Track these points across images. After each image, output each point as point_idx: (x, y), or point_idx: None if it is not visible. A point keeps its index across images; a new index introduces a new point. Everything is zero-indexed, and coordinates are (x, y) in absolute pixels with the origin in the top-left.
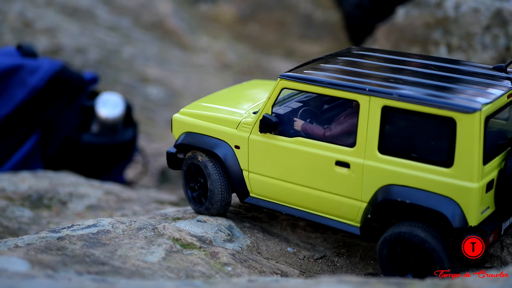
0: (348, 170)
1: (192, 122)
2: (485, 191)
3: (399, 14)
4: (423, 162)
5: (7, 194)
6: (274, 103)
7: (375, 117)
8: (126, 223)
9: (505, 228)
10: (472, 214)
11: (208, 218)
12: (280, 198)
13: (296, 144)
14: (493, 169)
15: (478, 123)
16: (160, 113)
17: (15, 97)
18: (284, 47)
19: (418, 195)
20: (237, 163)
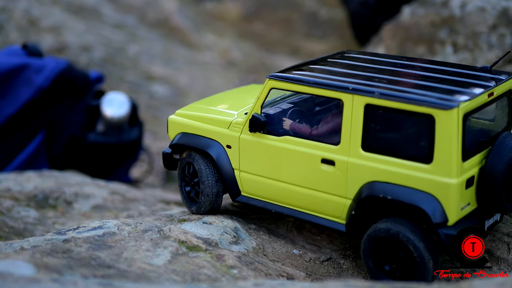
0: (333, 167)
1: (187, 123)
2: (465, 187)
3: (405, 13)
4: (404, 159)
5: (13, 194)
6: (263, 103)
7: (358, 115)
8: (131, 225)
9: (488, 226)
10: (451, 209)
11: (213, 219)
12: (270, 196)
13: (284, 142)
14: (473, 166)
15: (456, 119)
16: (165, 111)
17: (20, 97)
18: (289, 45)
19: (400, 191)
20: (228, 162)
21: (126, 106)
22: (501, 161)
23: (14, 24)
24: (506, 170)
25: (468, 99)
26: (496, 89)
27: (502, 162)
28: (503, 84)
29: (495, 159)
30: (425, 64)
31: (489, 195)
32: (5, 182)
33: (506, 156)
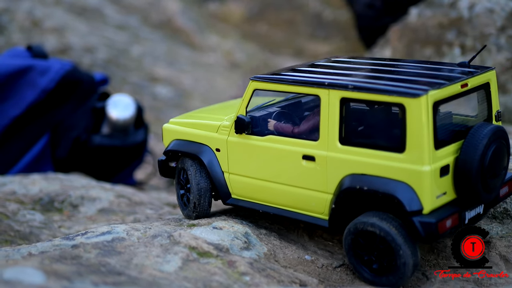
0: (314, 163)
1: (179, 130)
2: (439, 175)
3: (412, 14)
4: (379, 149)
5: (18, 197)
6: (247, 105)
7: (334, 109)
8: (141, 230)
9: (470, 218)
10: (425, 197)
11: (224, 224)
12: (257, 196)
13: (268, 142)
14: (448, 155)
15: (426, 107)
16: (169, 113)
17: (25, 99)
18: (293, 46)
19: (375, 182)
20: (218, 165)
21: (132, 108)
22: (474, 151)
23: (17, 25)
24: (479, 159)
25: (438, 88)
26: (470, 81)
27: (475, 152)
28: (478, 76)
29: (468, 148)
30: (407, 63)
31: (464, 185)
32: (10, 185)
33: (479, 145)
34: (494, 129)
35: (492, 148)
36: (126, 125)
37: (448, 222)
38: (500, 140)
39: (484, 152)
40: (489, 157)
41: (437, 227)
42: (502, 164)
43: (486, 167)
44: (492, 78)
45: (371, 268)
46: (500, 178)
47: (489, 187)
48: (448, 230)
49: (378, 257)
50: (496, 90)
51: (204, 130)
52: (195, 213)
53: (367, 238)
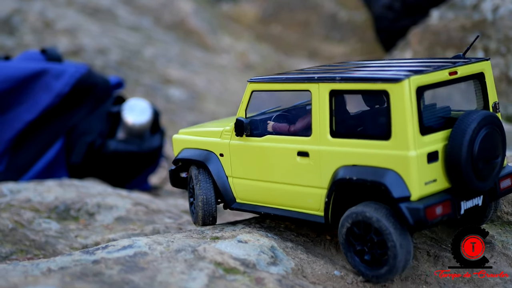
0: (308, 158)
1: (187, 139)
2: (426, 161)
3: (433, 16)
4: (367, 139)
5: (33, 205)
6: (246, 107)
7: (324, 102)
8: (163, 244)
9: (467, 208)
10: (412, 183)
11: (249, 237)
12: (259, 198)
13: (266, 141)
14: (437, 141)
15: (408, 91)
16: (182, 115)
17: (40, 103)
18: (308, 48)
19: (364, 171)
20: (222, 170)
21: (148, 113)
22: (462, 136)
23: (28, 26)
24: (468, 145)
25: (421, 73)
26: (460, 69)
27: (463, 137)
28: (469, 65)
29: (456, 134)
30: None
31: (454, 171)
32: (24, 192)
33: (467, 131)
34: (484, 115)
35: (482, 134)
36: (142, 130)
37: (438, 209)
38: (491, 126)
39: (472, 138)
40: (478, 143)
41: (425, 214)
42: (495, 150)
43: (477, 153)
44: (486, 68)
45: (363, 259)
46: (495, 165)
47: (482, 174)
48: (439, 218)
49: (370, 248)
50: (492, 81)
51: (209, 136)
52: (201, 220)
53: (360, 228)
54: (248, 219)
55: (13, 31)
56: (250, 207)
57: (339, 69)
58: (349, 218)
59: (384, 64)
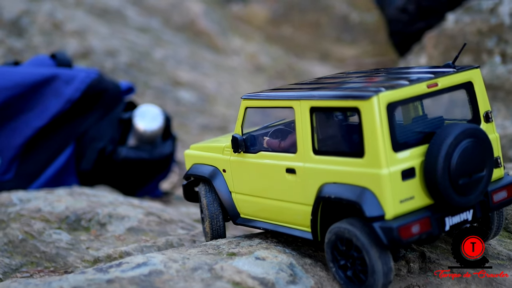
0: (295, 175)
1: (196, 154)
2: (401, 178)
3: (449, 20)
4: (345, 156)
5: (44, 215)
6: (242, 123)
7: (306, 120)
8: (179, 262)
9: (453, 224)
10: (386, 201)
11: (267, 254)
12: (257, 214)
13: (259, 158)
14: (413, 157)
15: (378, 108)
16: (192, 118)
17: (50, 109)
18: (319, 49)
19: (340, 189)
20: (225, 186)
21: (160, 119)
22: (438, 150)
23: (37, 27)
24: (444, 159)
25: (392, 89)
26: (441, 80)
27: (439, 151)
28: (452, 75)
29: (433, 148)
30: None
31: (432, 187)
32: (34, 201)
33: (443, 145)
34: (463, 128)
35: (460, 148)
36: (153, 137)
37: (414, 227)
38: (471, 139)
39: (449, 152)
40: (457, 158)
41: (399, 233)
42: (478, 164)
43: (455, 168)
44: (474, 77)
45: (346, 274)
46: (479, 179)
47: (464, 189)
48: (415, 236)
49: (352, 264)
50: (482, 90)
51: (213, 152)
52: (209, 235)
53: (343, 244)
54: (264, 232)
55: (22, 33)
56: (252, 223)
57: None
58: (332, 233)
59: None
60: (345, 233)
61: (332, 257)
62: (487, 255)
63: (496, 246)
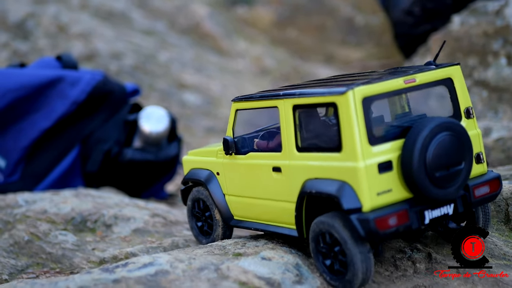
0: (281, 173)
1: (193, 159)
2: (377, 171)
3: (455, 22)
4: (326, 151)
5: (49, 216)
6: (233, 126)
7: (289, 118)
8: (185, 262)
9: (433, 217)
10: (363, 194)
11: (273, 254)
12: (249, 214)
13: (249, 159)
14: (390, 150)
15: (353, 102)
16: (197, 121)
17: (55, 110)
18: (324, 52)
19: (320, 184)
20: (219, 188)
21: (165, 121)
22: (413, 143)
23: (42, 30)
24: (420, 152)
25: (367, 84)
26: (419, 76)
27: (414, 144)
28: (430, 71)
29: (408, 141)
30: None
31: (409, 180)
32: (40, 202)
33: (418, 138)
34: (439, 121)
35: (436, 141)
36: (159, 139)
37: (391, 219)
38: (448, 132)
39: (424, 145)
40: (432, 150)
41: (376, 224)
42: (455, 157)
43: (431, 161)
44: (454, 73)
45: (328, 267)
46: (457, 172)
47: (441, 182)
48: (393, 229)
49: (334, 257)
50: (463, 86)
51: (208, 156)
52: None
53: (325, 238)
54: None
55: (27, 36)
56: (244, 224)
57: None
58: (315, 227)
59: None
60: (326, 226)
61: (316, 251)
62: (494, 256)
63: (502, 247)
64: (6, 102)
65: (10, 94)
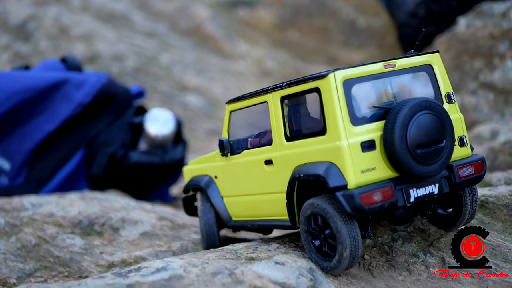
0: (272, 166)
1: (193, 168)
2: (361, 149)
3: (460, 24)
4: (311, 137)
5: (56, 220)
6: (228, 127)
7: (278, 110)
8: (198, 266)
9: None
10: (347, 172)
11: (286, 259)
12: (245, 213)
13: (242, 156)
14: (373, 130)
15: (334, 84)
16: (200, 123)
17: (60, 113)
18: (326, 54)
19: (308, 168)
20: (218, 192)
21: (171, 124)
22: (394, 121)
23: (44, 32)
24: (400, 129)
25: (348, 68)
26: (399, 61)
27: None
28: (410, 57)
29: (389, 120)
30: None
31: (391, 157)
32: (46, 205)
33: (398, 116)
34: (418, 100)
35: (416, 118)
36: (165, 142)
37: (376, 195)
38: (427, 111)
39: (405, 122)
40: (413, 127)
41: (361, 200)
42: (435, 135)
43: (411, 137)
44: (434, 60)
45: (318, 250)
46: (439, 150)
47: (423, 159)
48: (378, 204)
49: (324, 239)
50: (443, 73)
51: (206, 162)
52: (204, 243)
53: (314, 220)
54: (281, 237)
55: (28, 37)
56: (241, 223)
57: None
58: (305, 209)
59: None
60: (315, 208)
61: (306, 235)
62: (507, 260)
63: None
64: (11, 105)
65: (15, 96)
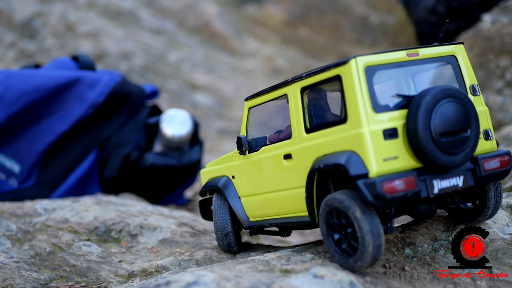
0: (291, 160)
1: (210, 170)
2: (383, 137)
3: (485, 21)
4: (332, 126)
5: (71, 226)
6: (246, 125)
7: (298, 101)
8: (232, 281)
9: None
10: (368, 159)
11: (325, 272)
12: (263, 212)
13: (261, 153)
14: (396, 118)
15: (356, 70)
16: (210, 122)
17: (73, 113)
18: (337, 52)
19: (328, 158)
20: (235, 192)
21: (188, 124)
22: (417, 108)
23: (50, 30)
24: (424, 116)
25: (372, 55)
26: (422, 51)
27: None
28: (433, 47)
29: (412, 107)
30: None
31: (414, 145)
32: (60, 210)
33: (422, 103)
34: (442, 88)
35: (440, 106)
36: (181, 143)
37: (398, 183)
38: (452, 99)
39: (428, 109)
40: (437, 114)
41: (383, 188)
42: (460, 123)
43: (436, 125)
44: (458, 51)
45: (339, 247)
46: (464, 139)
47: (448, 148)
48: (400, 193)
49: (345, 236)
50: (468, 64)
51: (223, 162)
52: (221, 245)
53: (334, 216)
54: (314, 246)
55: (34, 35)
56: (259, 223)
57: None
58: (324, 206)
59: None
60: (334, 201)
61: (326, 232)
62: None
63: None
64: (21, 105)
65: (26, 96)
